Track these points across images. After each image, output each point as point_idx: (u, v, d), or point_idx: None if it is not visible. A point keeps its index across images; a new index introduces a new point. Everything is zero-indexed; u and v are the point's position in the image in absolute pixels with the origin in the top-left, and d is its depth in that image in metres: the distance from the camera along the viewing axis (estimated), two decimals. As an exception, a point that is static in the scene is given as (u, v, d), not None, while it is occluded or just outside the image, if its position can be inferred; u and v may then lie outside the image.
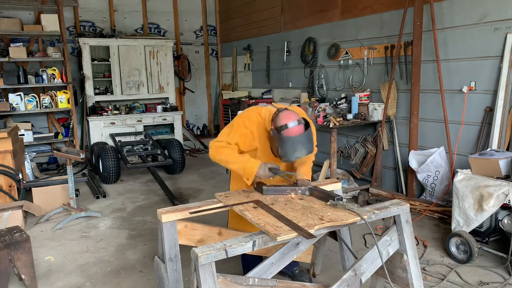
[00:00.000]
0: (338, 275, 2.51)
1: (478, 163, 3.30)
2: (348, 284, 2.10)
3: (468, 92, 3.95)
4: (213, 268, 1.75)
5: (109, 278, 3.18)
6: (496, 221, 3.15)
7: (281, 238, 1.78)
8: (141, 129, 7.03)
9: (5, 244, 2.88)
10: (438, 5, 4.12)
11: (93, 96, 6.99)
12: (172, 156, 6.22)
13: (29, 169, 5.50)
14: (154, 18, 8.05)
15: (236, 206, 2.22)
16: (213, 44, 8.79)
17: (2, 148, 4.48)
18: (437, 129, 4.30)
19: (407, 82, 4.54)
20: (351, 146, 4.89)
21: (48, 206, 4.57)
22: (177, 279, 2.20)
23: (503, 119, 3.66)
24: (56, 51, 6.53)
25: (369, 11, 4.94)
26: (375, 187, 4.77)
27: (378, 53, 4.86)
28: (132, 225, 4.27)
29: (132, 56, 7.16)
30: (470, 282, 2.91)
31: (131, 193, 5.45)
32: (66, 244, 3.83)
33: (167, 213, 2.19)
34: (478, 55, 3.86)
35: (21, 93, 6.29)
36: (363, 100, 4.92)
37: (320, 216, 2.00)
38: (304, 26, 6.07)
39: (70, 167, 4.46)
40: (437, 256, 3.35)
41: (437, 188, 4.19)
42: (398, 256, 2.21)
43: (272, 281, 2.12)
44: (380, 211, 2.11)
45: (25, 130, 6.34)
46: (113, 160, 5.80)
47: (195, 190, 5.54)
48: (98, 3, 7.50)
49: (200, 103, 8.87)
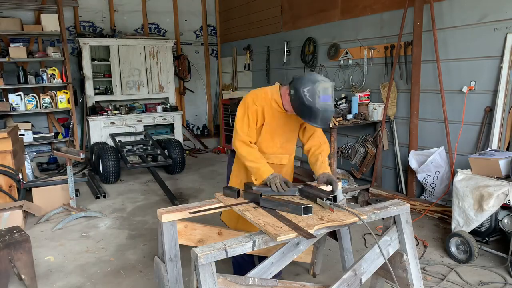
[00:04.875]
0: (338, 275, 2.51)
1: (478, 163, 3.30)
2: (348, 284, 2.10)
3: (468, 92, 3.95)
4: (213, 268, 1.75)
5: (109, 278, 3.18)
6: (496, 221, 3.15)
7: (281, 238, 1.78)
8: (141, 129, 7.03)
9: (5, 244, 2.88)
10: (438, 5, 4.12)
11: (93, 96, 6.98)
12: (172, 156, 6.22)
13: (29, 169, 5.50)
14: (154, 18, 8.05)
15: (236, 206, 2.22)
16: (213, 44, 8.79)
17: (2, 148, 4.48)
18: (437, 129, 4.30)
19: (407, 82, 4.54)
20: (351, 146, 4.89)
21: (48, 206, 4.57)
22: (177, 279, 2.19)
23: (503, 119, 3.66)
24: (56, 51, 6.53)
25: (369, 11, 4.94)
26: (375, 187, 4.77)
27: (378, 53, 4.86)
28: (132, 225, 4.27)
29: (132, 56, 7.15)
30: (470, 282, 2.91)
31: (131, 193, 5.45)
32: (66, 244, 3.83)
33: (167, 213, 2.18)
34: (478, 55, 3.86)
35: (21, 93, 6.29)
36: (363, 100, 4.93)
37: (320, 216, 2.00)
38: (304, 26, 6.07)
39: (70, 167, 4.46)
40: (437, 256, 3.35)
41: (437, 188, 4.19)
42: (398, 256, 2.21)
43: (272, 281, 2.12)
44: (380, 211, 2.11)
45: (25, 130, 6.35)
46: (113, 160, 5.80)
47: (195, 190, 5.54)
48: (98, 3, 7.50)
49: (200, 103, 8.86)
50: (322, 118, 2.31)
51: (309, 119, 2.35)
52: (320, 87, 2.26)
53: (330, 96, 2.29)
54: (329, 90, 2.29)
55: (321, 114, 2.29)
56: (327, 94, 2.28)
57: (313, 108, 2.28)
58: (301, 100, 2.30)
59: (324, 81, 2.30)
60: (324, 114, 2.30)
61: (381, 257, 2.19)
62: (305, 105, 2.30)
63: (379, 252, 2.18)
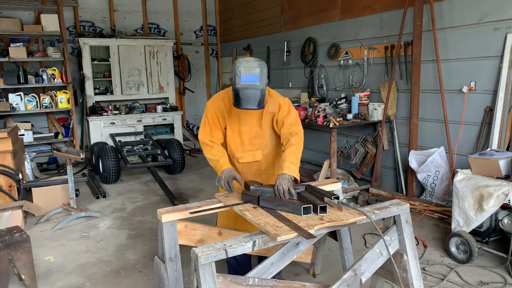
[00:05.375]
0: (338, 275, 2.52)
1: (478, 163, 3.30)
2: (348, 284, 2.10)
3: (468, 92, 3.94)
4: (213, 268, 1.75)
5: (109, 278, 3.18)
6: (496, 221, 3.15)
7: (281, 238, 1.78)
8: (141, 129, 7.03)
9: (5, 244, 2.88)
10: (438, 5, 4.12)
11: (93, 96, 6.98)
12: (172, 156, 6.22)
13: (29, 169, 5.50)
14: (154, 18, 8.05)
15: (236, 206, 2.22)
16: (213, 44, 8.79)
17: (2, 148, 4.48)
18: (437, 129, 4.30)
19: (407, 82, 4.54)
20: (351, 146, 4.89)
21: (48, 206, 4.57)
22: (177, 279, 2.20)
23: (503, 119, 3.66)
24: (56, 51, 6.53)
25: (369, 11, 4.94)
26: (375, 187, 4.77)
27: (378, 53, 4.86)
28: (132, 225, 4.27)
29: (132, 56, 7.15)
30: (470, 282, 2.91)
31: (131, 193, 5.45)
32: (66, 244, 3.83)
33: (167, 213, 2.19)
34: (478, 55, 3.86)
35: (21, 93, 6.29)
36: (363, 100, 4.92)
37: (320, 216, 2.00)
38: (304, 26, 6.07)
39: (70, 167, 4.46)
40: (437, 256, 3.35)
41: (437, 188, 4.19)
42: (398, 256, 2.21)
43: (272, 281, 2.12)
44: (380, 211, 2.11)
45: (25, 130, 6.35)
46: (113, 160, 5.80)
47: (195, 190, 5.54)
48: (98, 3, 7.50)
49: (200, 103, 8.85)
50: (244, 98, 2.22)
51: (234, 102, 2.30)
52: (241, 67, 2.21)
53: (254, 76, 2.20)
54: (253, 70, 2.20)
55: (242, 94, 2.22)
56: (250, 74, 2.20)
57: (235, 89, 2.23)
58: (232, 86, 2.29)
59: (247, 61, 2.24)
60: (244, 93, 2.21)
61: (381, 257, 2.19)
62: (233, 89, 2.27)
63: (379, 252, 2.18)
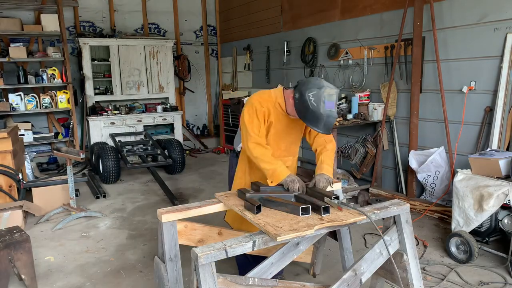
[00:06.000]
0: (338, 275, 2.52)
1: (478, 163, 3.30)
2: (348, 284, 2.10)
3: (468, 92, 3.95)
4: (213, 268, 1.75)
5: (109, 278, 3.18)
6: (496, 221, 3.15)
7: (281, 238, 1.78)
8: (141, 129, 7.03)
9: (5, 244, 2.88)
10: (438, 5, 4.12)
11: (93, 96, 6.99)
12: (172, 156, 6.22)
13: (29, 169, 5.50)
14: (154, 18, 8.05)
15: (236, 206, 2.21)
16: (213, 44, 8.79)
17: (2, 148, 4.47)
18: (437, 129, 4.30)
19: (407, 82, 4.54)
20: (351, 146, 4.89)
21: (48, 206, 4.57)
22: (177, 279, 2.19)
23: (503, 119, 3.66)
24: (56, 51, 6.53)
25: (369, 11, 4.94)
26: (375, 187, 4.77)
27: (378, 53, 4.86)
28: (132, 225, 4.27)
29: (132, 56, 7.15)
30: (470, 282, 2.91)
31: (131, 193, 5.45)
32: (66, 244, 3.83)
33: (167, 213, 2.19)
34: (478, 55, 3.86)
35: (21, 93, 6.29)
36: (363, 100, 4.93)
37: (320, 216, 2.00)
38: (304, 26, 6.07)
39: (70, 167, 4.46)
40: (437, 256, 3.35)
41: (437, 188, 4.19)
42: (398, 256, 2.21)
43: (272, 281, 2.12)
44: (380, 211, 2.11)
45: (25, 130, 6.34)
46: (113, 160, 5.80)
47: (195, 190, 5.54)
48: (98, 3, 7.50)
49: (200, 103, 8.86)
50: (325, 123, 2.35)
51: (312, 123, 2.37)
52: (326, 93, 2.30)
53: (334, 103, 2.33)
54: (334, 97, 2.33)
55: (324, 119, 2.33)
56: (332, 101, 2.32)
57: (317, 113, 2.31)
58: (305, 104, 2.32)
59: (329, 87, 2.34)
60: (327, 120, 2.34)
61: (381, 257, 2.19)
62: (309, 110, 2.33)
63: (379, 252, 2.18)
